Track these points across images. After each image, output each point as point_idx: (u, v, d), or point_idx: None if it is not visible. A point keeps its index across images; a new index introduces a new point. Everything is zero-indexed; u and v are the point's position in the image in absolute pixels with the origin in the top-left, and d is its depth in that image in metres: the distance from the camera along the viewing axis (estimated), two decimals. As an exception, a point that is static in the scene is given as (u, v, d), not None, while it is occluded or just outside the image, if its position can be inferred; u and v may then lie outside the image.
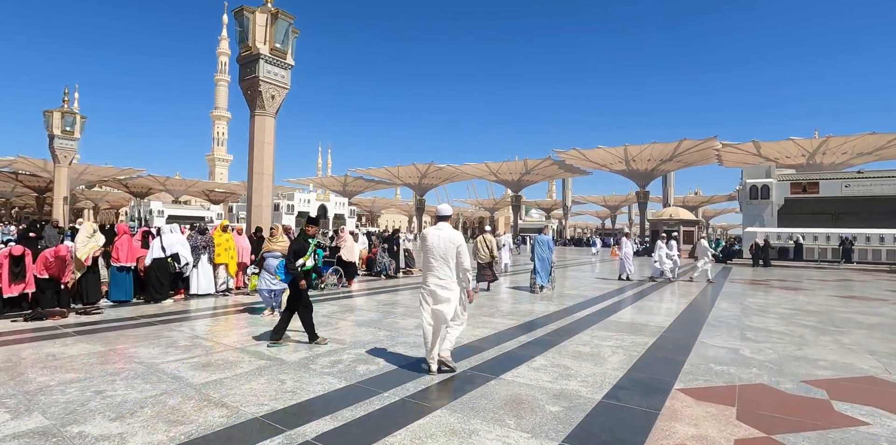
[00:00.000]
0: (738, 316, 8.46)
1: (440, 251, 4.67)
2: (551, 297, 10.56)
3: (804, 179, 30.75)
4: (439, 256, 4.67)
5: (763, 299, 11.17)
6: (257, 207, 16.38)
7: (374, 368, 4.76)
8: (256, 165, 16.39)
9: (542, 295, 10.94)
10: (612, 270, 19.64)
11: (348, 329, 6.74)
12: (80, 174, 70.16)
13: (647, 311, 8.81)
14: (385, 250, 14.48)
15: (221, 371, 4.59)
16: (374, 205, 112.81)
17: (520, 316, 8.07)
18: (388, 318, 7.65)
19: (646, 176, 57.85)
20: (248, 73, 16.59)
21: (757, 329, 7.30)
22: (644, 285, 13.64)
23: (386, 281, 13.73)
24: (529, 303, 9.54)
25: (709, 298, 11.10)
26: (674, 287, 13.46)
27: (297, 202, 62.62)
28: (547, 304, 9.43)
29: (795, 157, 48.92)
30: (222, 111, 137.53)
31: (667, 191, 69.46)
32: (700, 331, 6.95)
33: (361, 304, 9.17)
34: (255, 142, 16.46)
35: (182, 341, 5.81)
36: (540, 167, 65.33)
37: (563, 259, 28.56)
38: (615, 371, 4.78)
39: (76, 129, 31.57)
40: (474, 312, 8.04)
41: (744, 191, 31.73)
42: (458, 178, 77.85)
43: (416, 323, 7.04)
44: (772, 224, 30.41)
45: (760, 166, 34.39)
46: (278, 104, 16.95)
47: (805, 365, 5.26)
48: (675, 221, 35.67)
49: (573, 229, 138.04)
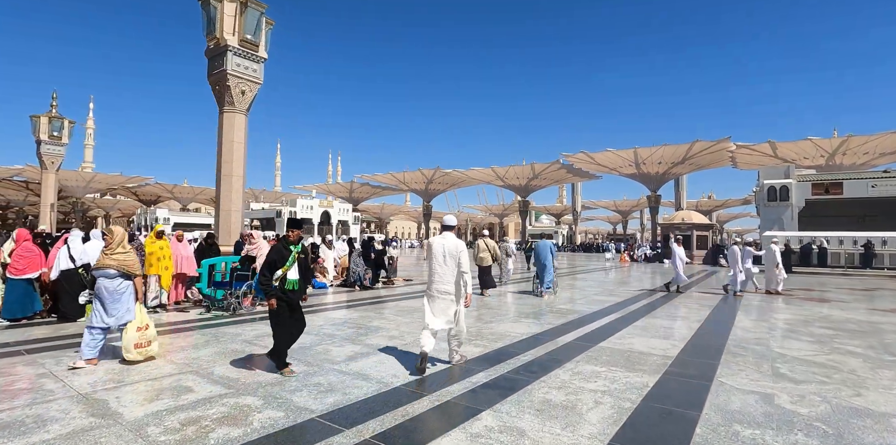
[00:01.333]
0: (765, 339, 6.80)
1: (446, 258, 5.08)
2: (540, 312, 8.97)
3: (826, 179, 28.76)
4: (444, 263, 5.08)
5: (791, 313, 9.47)
6: (226, 212, 14.99)
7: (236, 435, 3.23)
8: (224, 166, 15.01)
9: (531, 309, 9.37)
10: (620, 279, 17.93)
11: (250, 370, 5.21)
12: (89, 182, 70.29)
13: (651, 332, 7.18)
14: (361, 256, 12.99)
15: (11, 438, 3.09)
16: (382, 211, 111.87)
17: (490, 339, 6.50)
18: (320, 345, 6.12)
19: (657, 179, 55.96)
20: (216, 66, 15.27)
21: (792, 359, 5.66)
22: (653, 296, 11.98)
23: (361, 292, 12.23)
24: (510, 322, 7.96)
25: (727, 313, 9.42)
26: (687, 299, 11.78)
27: (299, 208, 61.35)
28: (530, 324, 7.84)
29: (814, 158, 46.80)
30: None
31: (679, 194, 67.41)
32: (718, 365, 5.32)
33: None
34: (223, 142, 15.10)
35: (20, 382, 4.35)
36: (548, 171, 63.70)
37: (571, 266, 26.85)
38: (591, 443, 3.21)
39: (64, 134, 30.65)
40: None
41: (761, 192, 29.81)
42: (464, 184, 76.50)
43: (353, 353, 5.53)
44: (792, 227, 28.44)
45: (778, 166, 32.42)
46: (250, 100, 15.61)
47: (873, 423, 3.64)
48: (687, 225, 33.78)
49: (584, 235, 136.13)
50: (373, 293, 12.08)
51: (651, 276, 19.91)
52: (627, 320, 8.33)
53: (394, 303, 10.13)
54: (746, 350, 6.12)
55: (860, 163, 45.75)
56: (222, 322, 7.57)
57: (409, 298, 11.18)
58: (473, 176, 70.22)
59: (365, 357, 5.48)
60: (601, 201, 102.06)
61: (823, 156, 46.58)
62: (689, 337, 6.92)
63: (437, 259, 5.12)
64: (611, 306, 10.10)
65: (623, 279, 17.97)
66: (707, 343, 6.57)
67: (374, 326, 7.40)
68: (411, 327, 7.31)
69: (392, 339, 6.48)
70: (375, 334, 6.79)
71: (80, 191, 71.74)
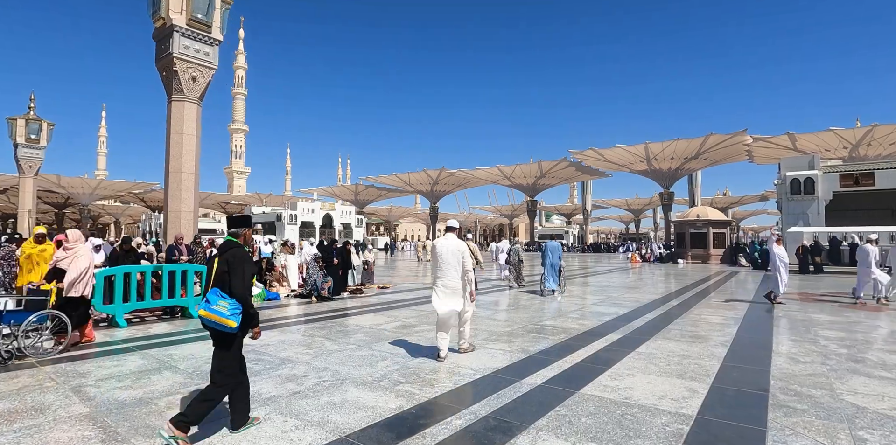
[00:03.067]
0: (824, 378, 4.75)
1: (449, 257, 5.52)
2: (517, 330, 7.01)
3: (856, 170, 26.32)
4: (448, 261, 5.51)
5: (843, 330, 7.39)
6: (175, 213, 13.22)
7: None
8: (173, 161, 13.25)
9: (506, 326, 7.40)
10: (629, 283, 15.84)
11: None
12: (95, 189, 69.81)
13: (659, 365, 5.19)
14: (317, 262, 11.10)
15: None
16: (390, 213, 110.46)
17: (420, 383, 4.56)
18: (177, 392, 4.22)
19: (669, 176, 53.55)
20: (163, 49, 13.55)
21: (874, 415, 3.66)
22: (666, 305, 9.95)
23: (318, 304, 10.35)
24: (469, 358, 6.01)
25: (759, 331, 7.38)
26: (706, 310, 9.73)
27: (300, 212, 59.88)
28: (494, 352, 5.87)
29: (836, 150, 44.19)
30: (240, 124, 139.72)
31: (693, 191, 64.85)
32: (766, 433, 3.35)
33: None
34: (171, 134, 13.33)
35: None
36: (555, 170, 61.54)
37: (577, 267, 24.74)
38: None
39: (42, 137, 29.35)
40: (330, 379, 4.63)
41: (783, 185, 27.43)
42: (471, 184, 74.64)
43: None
44: (818, 222, 26.05)
45: (802, 157, 30.00)
46: (203, 87, 13.85)
47: None
48: (703, 222, 31.44)
49: (596, 234, 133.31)
50: (332, 305, 10.19)
51: (664, 279, 17.79)
52: (630, 343, 6.34)
53: (344, 321, 8.22)
54: (801, 398, 4.10)
55: (886, 154, 43.03)
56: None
57: (372, 311, 9.29)
58: (479, 176, 68.27)
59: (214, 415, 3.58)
60: (612, 200, 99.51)
61: (846, 148, 44.01)
62: (713, 371, 4.92)
63: (443, 258, 5.54)
64: (611, 321, 8.08)
65: (632, 283, 15.90)
66: (739, 382, 4.56)
67: (281, 357, 5.50)
68: (335, 359, 5.39)
69: (284, 382, 4.57)
70: (269, 373, 4.89)
71: (86, 197, 71.31)
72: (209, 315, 3.18)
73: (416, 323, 7.77)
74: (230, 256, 3.36)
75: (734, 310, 9.42)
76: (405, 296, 11.75)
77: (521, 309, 9.68)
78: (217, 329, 3.23)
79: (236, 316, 3.20)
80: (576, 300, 11.17)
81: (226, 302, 3.20)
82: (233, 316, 3.18)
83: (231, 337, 3.31)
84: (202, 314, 3.21)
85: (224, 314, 3.16)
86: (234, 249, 3.41)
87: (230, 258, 3.35)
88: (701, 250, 31.36)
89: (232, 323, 3.18)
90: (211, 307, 3.19)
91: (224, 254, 3.38)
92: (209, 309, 3.19)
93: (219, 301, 3.20)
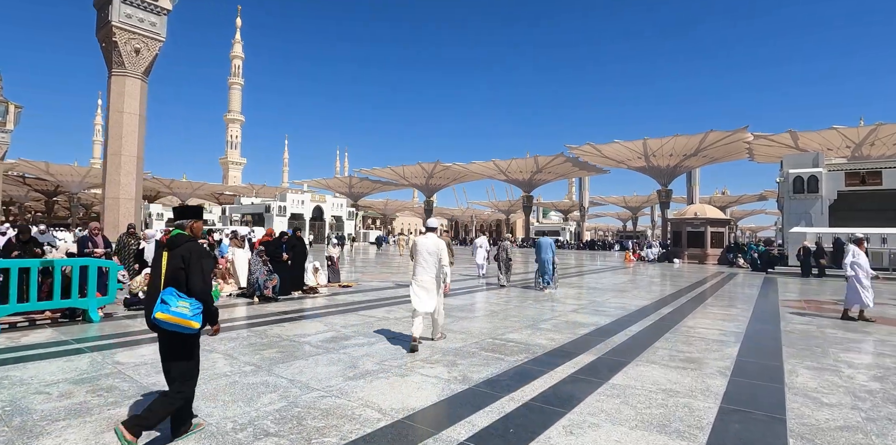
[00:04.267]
0: (861, 436, 3.41)
1: (427, 255, 5.94)
2: (468, 349, 5.70)
3: (863, 168, 25.01)
4: (428, 257, 5.93)
5: (867, 352, 6.08)
6: (113, 201, 11.82)
7: None
8: (112, 143, 11.84)
9: (454, 342, 6.11)
10: (618, 285, 14.52)
11: None
12: (84, 177, 68.13)
13: (630, 406, 3.88)
14: (260, 257, 9.74)
15: None
16: (386, 207, 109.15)
17: (294, 434, 3.23)
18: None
19: (668, 173, 52.24)
20: (103, 18, 12.13)
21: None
22: (658, 313, 8.65)
23: (260, 305, 9.02)
24: (395, 376, 4.68)
25: (766, 353, 6.07)
26: (701, 321, 8.43)
27: (289, 203, 58.30)
28: (421, 382, 4.54)
29: (839, 149, 42.96)
30: (236, 114, 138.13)
31: (692, 189, 63.71)
32: None
33: None
34: (111, 112, 11.92)
35: None
36: (552, 165, 60.11)
37: (565, 266, 23.43)
38: None
39: (9, 120, 27.86)
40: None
41: (786, 183, 26.10)
42: (466, 178, 73.26)
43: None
44: (822, 223, 24.77)
45: (806, 154, 28.67)
46: (148, 61, 12.41)
47: None
48: (700, 220, 30.13)
49: (593, 232, 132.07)
50: (272, 308, 8.84)
51: (658, 281, 16.50)
52: (604, 368, 5.02)
53: (268, 329, 6.87)
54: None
55: (891, 153, 41.80)
56: None
57: (313, 317, 7.96)
58: (475, 170, 66.87)
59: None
60: (610, 197, 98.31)
61: (849, 147, 42.83)
62: (710, 422, 3.60)
63: (422, 255, 5.96)
64: (588, 335, 6.76)
65: (622, 285, 14.60)
66: (743, 438, 3.26)
67: (143, 384, 4.17)
68: (210, 389, 4.05)
69: (111, 427, 3.23)
70: (102, 413, 3.56)
71: (76, 186, 69.71)
72: (170, 318, 2.90)
73: (350, 335, 6.45)
74: (185, 252, 3.06)
75: (734, 322, 8.10)
76: (362, 298, 10.42)
77: (490, 315, 8.36)
78: (178, 332, 2.97)
79: (198, 316, 2.98)
80: (555, 305, 9.85)
81: (186, 303, 2.95)
82: (195, 317, 2.96)
83: (191, 338, 3.10)
84: (161, 317, 2.89)
85: (186, 315, 2.91)
86: (189, 244, 3.11)
87: (186, 253, 3.06)
88: (698, 250, 30.07)
89: (195, 324, 2.96)
90: (171, 309, 2.91)
91: (176, 250, 3.07)
92: (169, 311, 2.90)
93: (178, 302, 2.94)
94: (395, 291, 11.57)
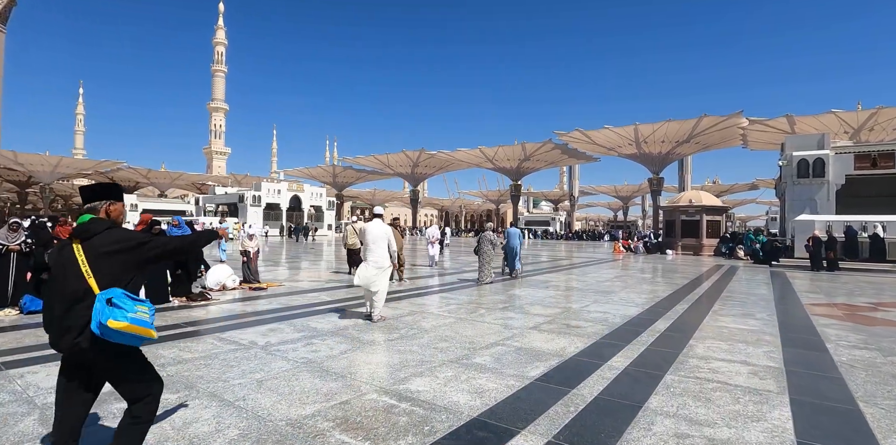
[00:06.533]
0: None
1: (375, 238, 6.64)
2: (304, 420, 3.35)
3: (874, 150, 22.77)
4: (375, 241, 6.63)
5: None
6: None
7: None
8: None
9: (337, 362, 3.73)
10: (601, 284, 12.14)
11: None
12: (55, 167, 64.73)
13: None
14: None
15: None
16: (374, 197, 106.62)
17: None
18: None
19: (660, 160, 50.02)
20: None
21: None
22: (653, 328, 6.31)
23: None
24: None
25: (837, 417, 3.72)
26: (715, 345, 6.07)
27: (264, 193, 55.35)
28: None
29: (837, 135, 40.82)
30: (220, 103, 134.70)
31: (684, 177, 61.68)
32: None
33: None
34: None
35: None
36: (540, 152, 57.63)
37: (542, 258, 21.11)
38: None
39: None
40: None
41: (789, 166, 23.83)
42: (452, 167, 70.78)
43: None
44: (828, 210, 22.58)
45: (810, 135, 26.45)
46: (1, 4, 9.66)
47: None
48: (695, 208, 27.90)
49: (584, 222, 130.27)
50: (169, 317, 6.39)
51: (650, 278, 14.19)
52: None
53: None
54: None
55: (891, 139, 39.82)
56: None
57: (160, 342, 5.54)
58: (460, 158, 64.25)
59: None
60: (601, 186, 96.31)
61: (848, 133, 40.78)
62: None
63: (370, 238, 6.67)
64: (538, 381, 4.31)
65: (606, 285, 12.24)
66: None
67: None
68: None
69: None
70: None
71: (47, 176, 66.24)
72: (128, 326, 2.10)
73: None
74: (115, 242, 2.27)
75: (762, 346, 5.70)
76: (266, 307, 7.97)
77: (411, 337, 5.93)
78: (123, 343, 2.21)
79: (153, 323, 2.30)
80: (513, 316, 7.44)
81: (145, 307, 2.23)
82: (153, 324, 2.27)
83: (136, 349, 2.38)
84: (121, 327, 2.08)
85: (147, 323, 2.20)
86: (110, 231, 2.30)
87: (117, 245, 2.28)
88: (693, 240, 27.85)
89: (154, 333, 2.26)
90: (128, 315, 2.12)
91: (90, 241, 2.25)
92: (126, 318, 2.10)
93: (136, 306, 2.18)
94: (319, 295, 9.14)
